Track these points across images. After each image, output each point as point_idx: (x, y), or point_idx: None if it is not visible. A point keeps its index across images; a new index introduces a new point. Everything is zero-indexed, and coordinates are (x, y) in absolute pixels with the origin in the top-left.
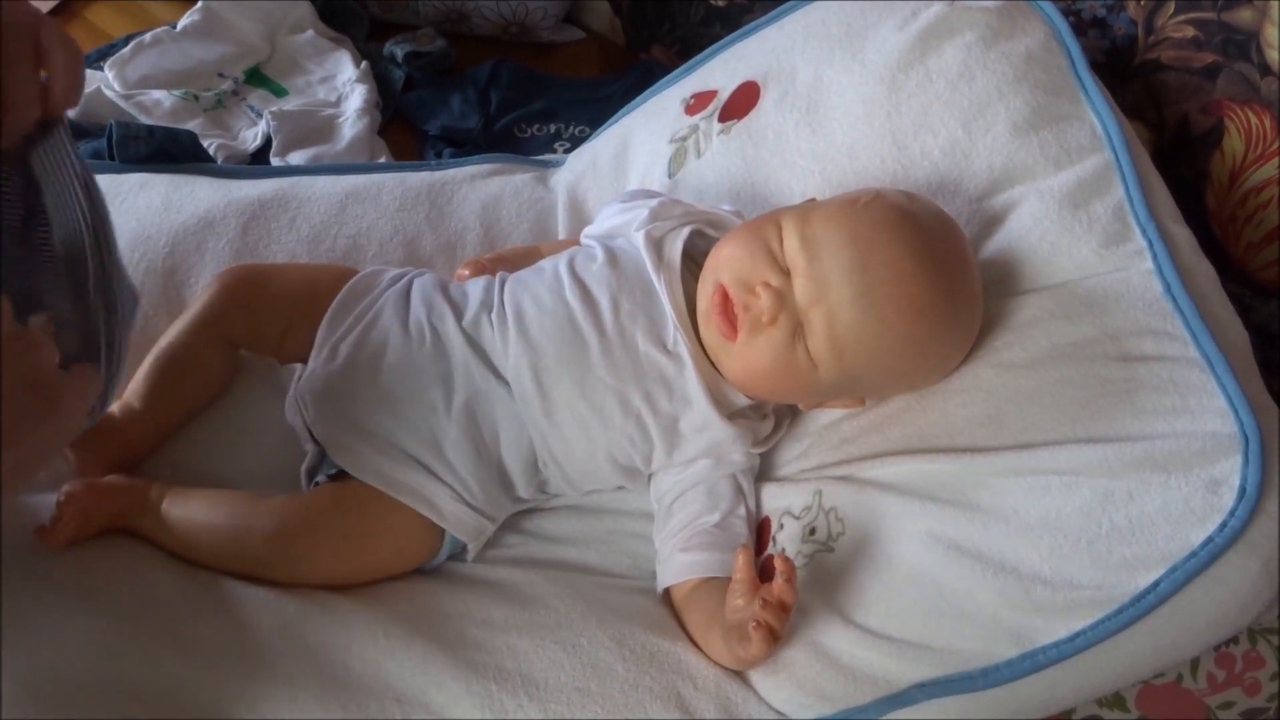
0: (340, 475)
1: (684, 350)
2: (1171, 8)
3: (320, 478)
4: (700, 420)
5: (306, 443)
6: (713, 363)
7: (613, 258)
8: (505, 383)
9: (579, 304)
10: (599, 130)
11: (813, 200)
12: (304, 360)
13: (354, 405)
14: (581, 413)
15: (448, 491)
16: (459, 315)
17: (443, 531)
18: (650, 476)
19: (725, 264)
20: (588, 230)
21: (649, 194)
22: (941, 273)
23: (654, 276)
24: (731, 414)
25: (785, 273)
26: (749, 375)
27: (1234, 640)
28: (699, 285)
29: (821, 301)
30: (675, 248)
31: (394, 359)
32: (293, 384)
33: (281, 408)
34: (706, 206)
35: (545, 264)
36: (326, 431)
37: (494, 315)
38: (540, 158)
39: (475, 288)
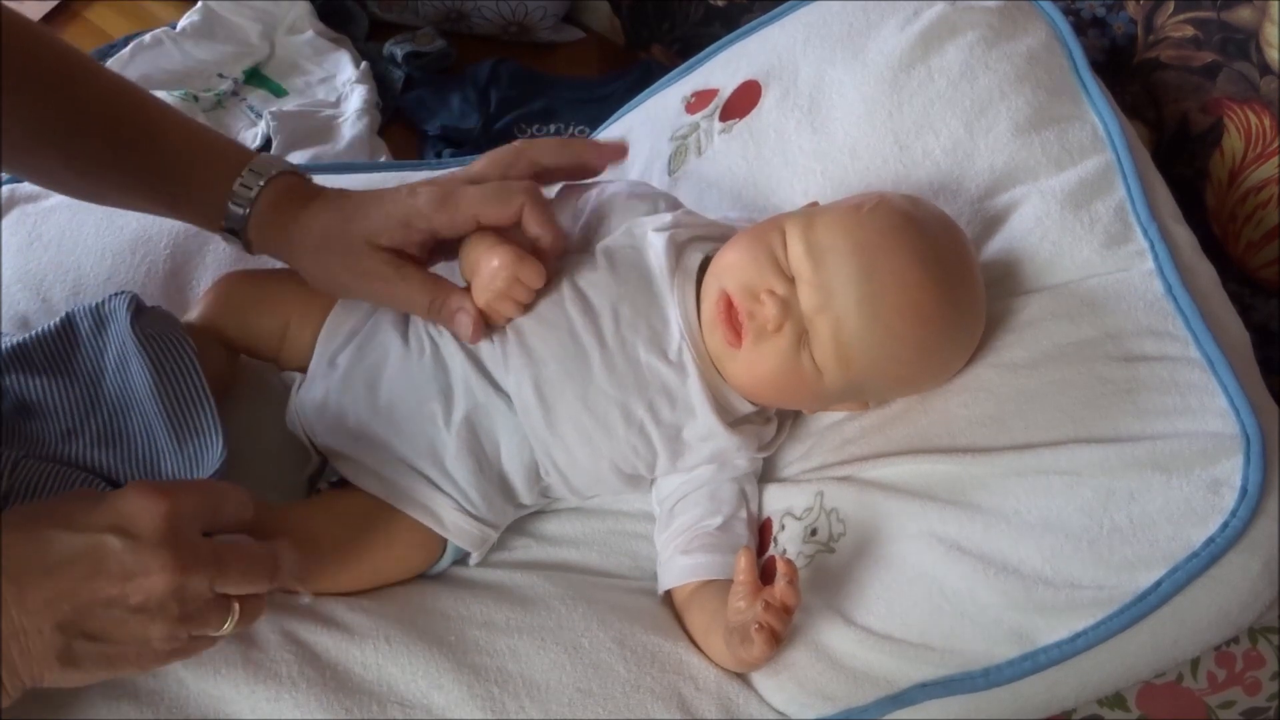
0: (342, 483)
1: (688, 359)
2: (1171, 7)
3: (322, 485)
4: (704, 429)
5: (308, 451)
6: (717, 369)
7: (612, 265)
8: (505, 395)
9: (579, 315)
10: (599, 129)
11: (815, 204)
12: (304, 366)
13: (354, 417)
14: (584, 424)
15: (449, 502)
16: None
17: (445, 540)
18: (653, 480)
19: (729, 271)
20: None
21: (666, 196)
22: (946, 279)
23: (668, 281)
24: (735, 421)
25: (790, 280)
26: (754, 382)
27: (1234, 640)
28: (702, 292)
29: (827, 309)
30: (694, 260)
31: (393, 371)
32: (293, 393)
33: (282, 412)
34: (718, 218)
35: None
36: (327, 442)
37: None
38: None
39: None
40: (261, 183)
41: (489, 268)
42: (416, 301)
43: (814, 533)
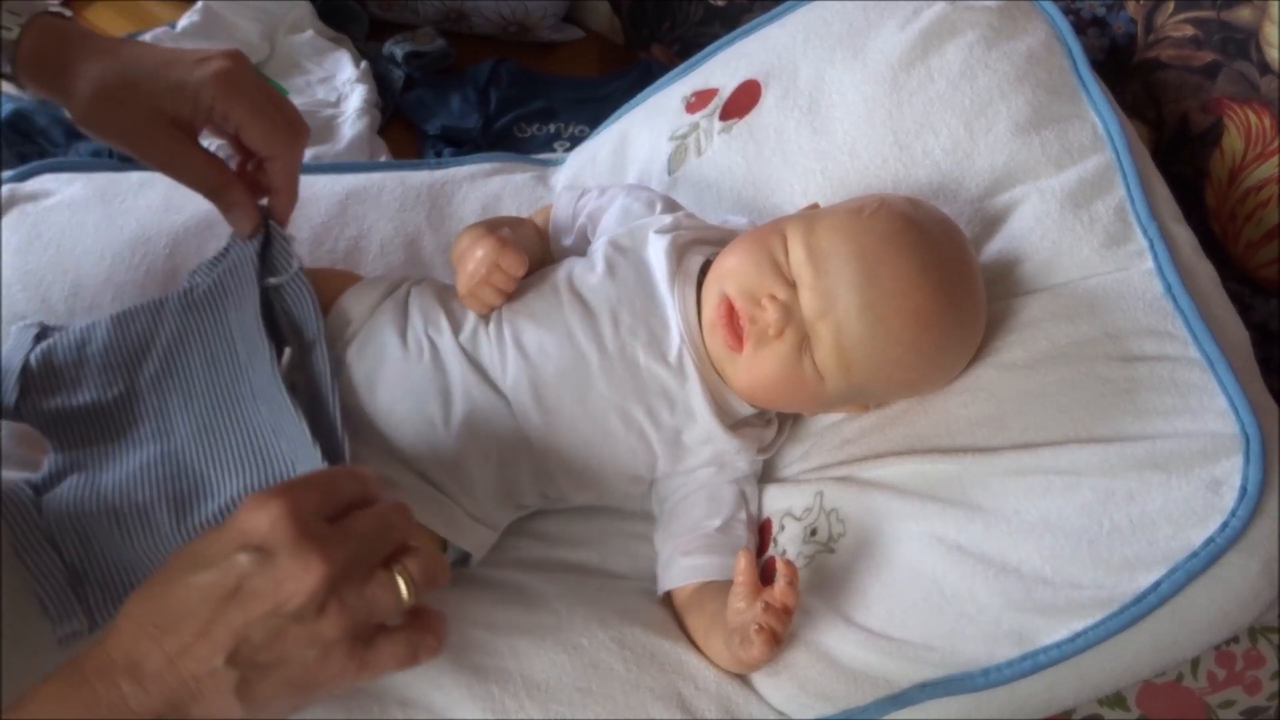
0: None
1: (688, 363)
2: (1171, 6)
3: None
4: (704, 433)
5: None
6: (717, 372)
7: (611, 267)
8: (504, 398)
9: (577, 318)
10: (599, 128)
11: (815, 207)
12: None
13: (353, 418)
14: (583, 428)
15: (449, 503)
16: (456, 329)
17: (445, 540)
18: (652, 481)
19: (730, 275)
20: (603, 223)
21: (664, 198)
22: (948, 283)
23: (668, 284)
24: (735, 423)
25: (791, 285)
26: (755, 386)
27: (1234, 639)
28: (703, 296)
29: (829, 314)
30: (695, 263)
31: (392, 373)
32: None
33: None
34: (720, 222)
35: (545, 273)
36: (326, 443)
37: (491, 330)
38: (540, 156)
39: None
40: (21, 22)
41: (473, 255)
42: (202, 178)
43: (814, 533)
